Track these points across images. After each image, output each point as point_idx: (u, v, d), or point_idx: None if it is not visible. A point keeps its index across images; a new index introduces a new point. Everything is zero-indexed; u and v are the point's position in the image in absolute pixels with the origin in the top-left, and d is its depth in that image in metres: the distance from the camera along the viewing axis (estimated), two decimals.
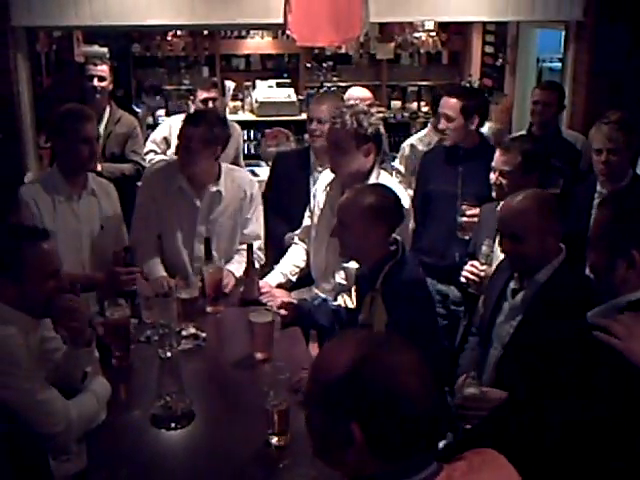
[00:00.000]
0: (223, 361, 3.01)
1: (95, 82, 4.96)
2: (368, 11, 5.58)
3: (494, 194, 3.43)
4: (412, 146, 5.09)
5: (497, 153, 3.42)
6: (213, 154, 3.58)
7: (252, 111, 8.08)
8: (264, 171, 6.04)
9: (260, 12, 5.47)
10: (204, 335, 3.11)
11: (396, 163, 5.18)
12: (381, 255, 2.88)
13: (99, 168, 4.61)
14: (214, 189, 3.66)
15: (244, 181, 3.84)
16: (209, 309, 3.35)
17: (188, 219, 3.66)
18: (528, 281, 2.73)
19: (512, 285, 2.81)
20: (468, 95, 4.18)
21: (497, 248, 3.19)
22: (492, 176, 3.42)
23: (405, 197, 3.40)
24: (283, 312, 3.15)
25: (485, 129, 4.92)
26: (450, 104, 4.05)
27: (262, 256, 3.81)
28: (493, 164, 3.41)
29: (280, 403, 2.36)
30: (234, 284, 3.59)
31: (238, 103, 8.11)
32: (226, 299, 3.47)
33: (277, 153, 5.12)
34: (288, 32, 5.58)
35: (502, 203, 2.94)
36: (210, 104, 5.32)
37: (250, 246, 3.40)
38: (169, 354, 2.90)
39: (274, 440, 2.37)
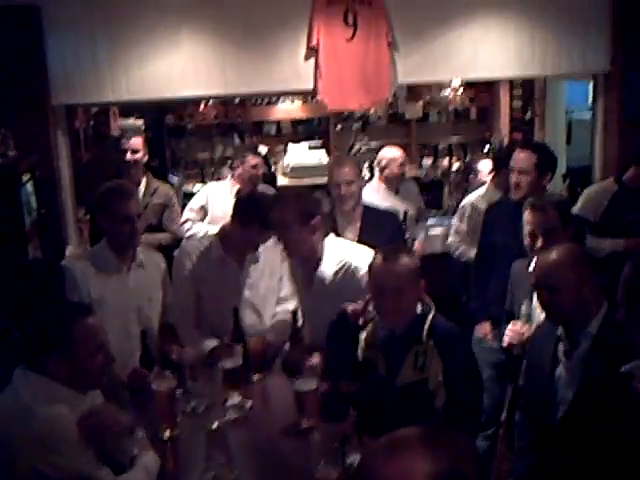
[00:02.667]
0: (269, 430, 2.99)
1: (129, 155, 5.08)
2: (396, 73, 5.69)
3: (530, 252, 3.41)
4: (473, 205, 5.07)
5: (530, 213, 3.40)
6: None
7: (285, 175, 8.17)
8: None
9: (290, 79, 5.60)
10: (249, 404, 3.10)
11: (454, 221, 5.19)
12: (416, 312, 2.90)
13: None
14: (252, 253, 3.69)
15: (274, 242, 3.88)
16: (254, 377, 3.34)
17: (229, 287, 3.67)
18: (579, 336, 2.69)
19: (562, 347, 2.77)
20: (543, 150, 4.16)
21: (535, 308, 3.17)
22: (526, 234, 3.40)
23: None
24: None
25: None
26: (524, 157, 4.01)
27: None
28: (528, 227, 3.39)
29: (330, 472, 2.34)
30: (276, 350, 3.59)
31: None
32: (269, 366, 3.46)
33: None
34: (319, 97, 5.68)
35: (537, 258, 2.92)
36: (259, 170, 5.45)
37: (295, 312, 3.41)
38: (215, 425, 2.91)
39: None
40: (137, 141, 5.16)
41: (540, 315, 3.12)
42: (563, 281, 2.67)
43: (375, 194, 5.38)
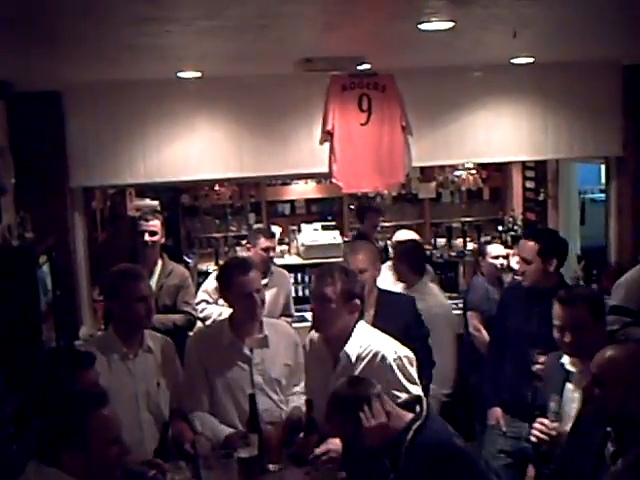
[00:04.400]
0: None
1: (147, 237, 5.09)
2: (410, 156, 5.76)
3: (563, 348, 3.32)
4: None
5: (559, 308, 3.27)
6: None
7: (298, 254, 8.20)
8: None
9: (305, 162, 5.70)
10: None
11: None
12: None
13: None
14: (261, 335, 3.65)
15: (287, 329, 3.85)
16: (271, 467, 3.26)
17: (241, 372, 3.63)
18: (628, 440, 2.58)
19: (610, 447, 2.67)
20: (546, 237, 4.17)
21: (564, 405, 3.11)
22: (556, 333, 3.32)
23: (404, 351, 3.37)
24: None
25: None
26: (528, 247, 4.03)
27: None
28: (557, 321, 3.27)
29: None
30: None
31: (284, 247, 8.26)
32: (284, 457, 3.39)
33: None
34: (334, 180, 5.75)
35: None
36: (270, 252, 5.44)
37: (310, 401, 3.35)
38: None
39: None
40: (155, 223, 5.18)
41: (570, 412, 3.07)
42: (611, 376, 2.58)
43: (390, 278, 5.36)
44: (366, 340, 3.37)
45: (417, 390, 3.27)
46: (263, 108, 5.58)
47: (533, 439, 3.16)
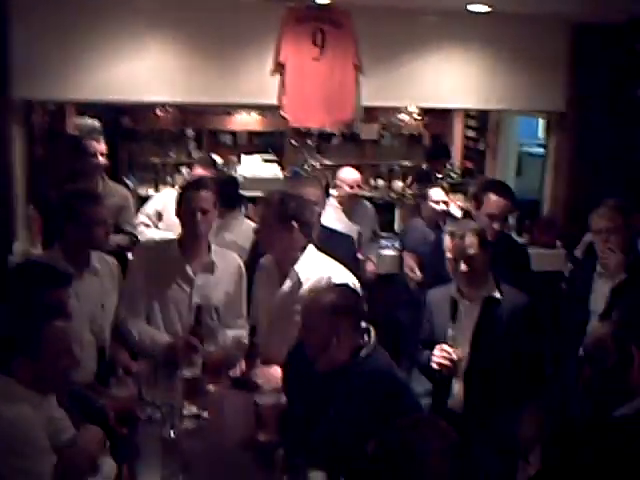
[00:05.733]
0: (226, 442, 2.98)
1: (98, 159, 4.99)
2: (360, 95, 5.76)
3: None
4: None
5: (450, 241, 3.51)
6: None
7: None
8: None
9: (255, 92, 5.64)
10: (206, 415, 3.10)
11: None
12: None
13: None
14: (207, 260, 3.71)
15: (234, 258, 3.89)
16: (210, 388, 3.33)
17: (182, 292, 3.67)
18: None
19: None
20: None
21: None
22: (450, 265, 3.52)
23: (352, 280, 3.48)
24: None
25: None
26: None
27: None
28: (451, 254, 3.52)
29: None
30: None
31: None
32: (225, 379, 3.46)
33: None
34: (282, 113, 5.72)
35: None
36: None
37: (253, 328, 3.42)
38: (172, 434, 2.89)
39: None
40: (102, 145, 5.09)
41: (466, 336, 3.35)
42: None
43: (330, 214, 5.42)
44: (316, 263, 3.48)
45: None
46: (216, 33, 5.47)
47: (435, 366, 3.40)
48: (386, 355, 2.97)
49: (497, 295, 3.45)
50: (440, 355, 3.38)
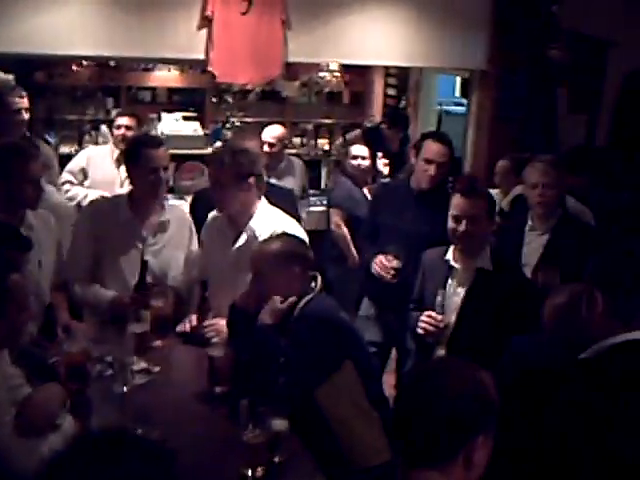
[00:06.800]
0: (181, 395, 3.00)
1: (22, 115, 4.79)
2: (287, 51, 5.74)
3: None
4: None
5: (459, 198, 3.39)
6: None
7: None
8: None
9: (182, 47, 5.54)
10: (157, 369, 3.11)
11: None
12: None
13: None
14: (161, 219, 3.68)
15: (185, 214, 3.88)
16: (158, 344, 3.33)
17: (134, 250, 3.63)
18: None
19: None
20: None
21: (448, 298, 3.37)
22: (451, 223, 3.42)
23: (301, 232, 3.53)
24: None
25: None
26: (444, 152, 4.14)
27: None
28: (455, 211, 3.39)
29: (259, 435, 2.41)
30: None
31: None
32: (173, 334, 3.47)
33: (195, 192, 5.09)
34: (209, 68, 5.64)
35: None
36: (124, 131, 5.34)
37: (204, 281, 3.42)
38: (125, 389, 2.89)
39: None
40: (25, 101, 4.89)
41: (451, 305, 3.35)
42: None
43: None
44: (271, 218, 3.49)
45: None
46: None
47: (420, 331, 3.39)
48: (331, 300, 3.04)
49: (490, 268, 3.39)
50: (427, 321, 3.36)
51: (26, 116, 4.82)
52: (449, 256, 3.45)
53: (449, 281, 3.42)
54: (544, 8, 6.02)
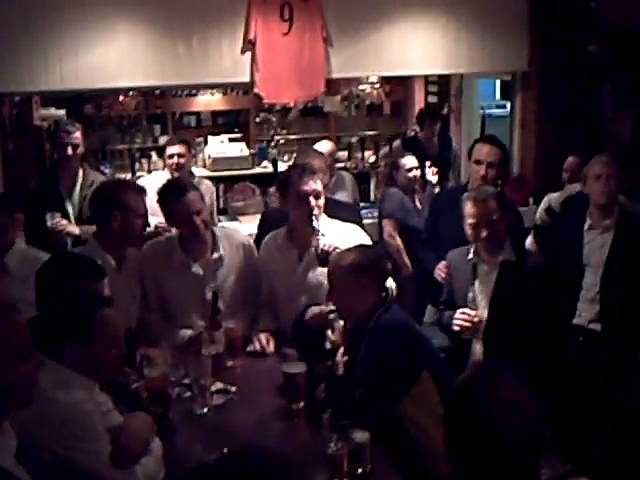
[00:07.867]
0: (260, 414, 3.06)
1: (70, 151, 4.92)
2: (330, 68, 5.84)
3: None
4: None
5: (471, 206, 3.52)
6: None
7: (205, 167, 8.18)
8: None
9: (227, 72, 5.68)
10: (234, 389, 3.18)
11: None
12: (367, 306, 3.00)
13: (77, 231, 4.64)
14: (215, 256, 3.72)
15: (241, 238, 3.92)
16: (230, 363, 3.40)
17: (194, 289, 3.69)
18: None
19: None
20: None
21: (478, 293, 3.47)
22: (470, 230, 3.54)
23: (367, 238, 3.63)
24: None
25: None
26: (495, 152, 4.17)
27: None
28: (472, 219, 3.51)
29: (342, 447, 2.47)
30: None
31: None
32: (244, 353, 3.55)
33: (264, 211, 5.22)
34: (256, 90, 5.76)
35: None
36: (176, 159, 5.43)
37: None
38: (205, 410, 2.98)
39: None
40: (77, 135, 5.01)
41: (485, 299, 3.45)
42: None
43: None
44: (335, 230, 3.57)
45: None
46: (185, 14, 5.48)
47: (456, 328, 3.49)
48: (403, 311, 3.10)
49: (513, 258, 3.50)
50: (462, 318, 3.46)
51: (77, 151, 4.96)
52: (472, 255, 3.56)
53: (476, 277, 3.53)
54: (582, 4, 6.01)
